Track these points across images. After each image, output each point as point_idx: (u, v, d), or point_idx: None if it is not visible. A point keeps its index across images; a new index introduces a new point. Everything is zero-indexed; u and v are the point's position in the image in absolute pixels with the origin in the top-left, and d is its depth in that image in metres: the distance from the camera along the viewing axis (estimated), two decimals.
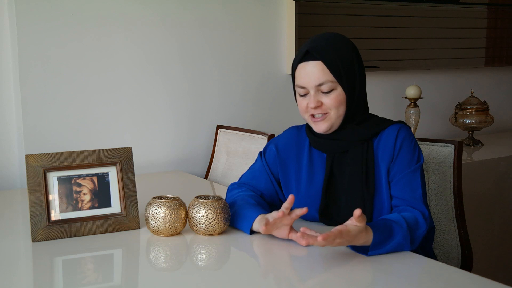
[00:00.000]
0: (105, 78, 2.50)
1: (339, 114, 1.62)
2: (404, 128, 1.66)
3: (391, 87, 3.27)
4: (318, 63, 1.59)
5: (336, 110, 1.62)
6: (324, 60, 1.59)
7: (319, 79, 1.59)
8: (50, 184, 1.63)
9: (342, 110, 1.62)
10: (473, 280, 1.34)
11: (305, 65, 1.61)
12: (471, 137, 3.21)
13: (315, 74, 1.59)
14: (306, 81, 1.61)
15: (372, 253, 1.44)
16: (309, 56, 1.60)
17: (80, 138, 2.46)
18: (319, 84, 1.60)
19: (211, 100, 2.76)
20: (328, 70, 1.59)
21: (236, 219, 1.64)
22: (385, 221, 1.50)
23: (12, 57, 2.37)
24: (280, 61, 2.92)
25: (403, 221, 1.50)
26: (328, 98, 1.61)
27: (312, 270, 1.42)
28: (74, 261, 1.51)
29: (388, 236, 1.46)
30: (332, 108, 1.61)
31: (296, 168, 1.74)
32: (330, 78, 1.59)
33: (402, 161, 1.61)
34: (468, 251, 1.93)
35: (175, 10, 2.62)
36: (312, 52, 1.60)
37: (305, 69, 1.61)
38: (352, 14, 3.04)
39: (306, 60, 1.61)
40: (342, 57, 1.61)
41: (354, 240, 1.41)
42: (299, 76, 1.63)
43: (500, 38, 3.65)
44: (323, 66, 1.59)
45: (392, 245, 1.46)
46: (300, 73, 1.63)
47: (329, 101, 1.61)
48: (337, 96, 1.61)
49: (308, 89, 1.62)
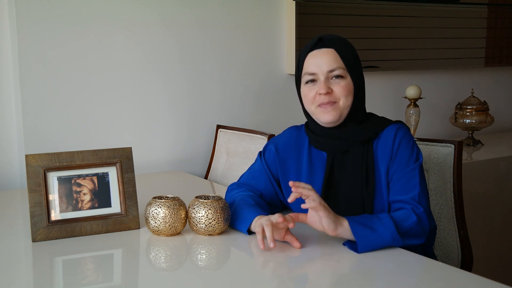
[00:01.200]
0: (105, 78, 2.50)
1: (347, 104, 1.63)
2: (402, 128, 1.67)
3: (391, 87, 3.27)
4: (331, 50, 1.63)
5: (345, 99, 1.63)
6: (336, 48, 1.63)
7: (332, 65, 1.61)
8: (50, 184, 1.63)
9: (350, 101, 1.63)
10: (473, 280, 1.34)
11: (317, 52, 1.64)
12: (471, 137, 3.21)
13: (328, 59, 1.62)
14: (317, 66, 1.63)
15: (358, 236, 1.45)
16: (322, 44, 1.64)
17: (80, 138, 2.46)
18: (331, 69, 1.62)
19: (211, 100, 2.76)
20: (340, 58, 1.62)
21: (234, 219, 1.64)
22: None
23: (12, 57, 2.37)
24: (280, 61, 2.92)
25: (386, 214, 1.53)
26: (338, 85, 1.62)
27: (311, 270, 1.42)
28: (74, 261, 1.51)
29: (368, 221, 1.49)
30: (341, 96, 1.62)
31: (296, 168, 1.74)
32: (341, 65, 1.62)
33: (400, 160, 1.62)
34: (468, 251, 1.93)
35: (175, 10, 2.62)
36: (325, 40, 1.64)
37: (317, 56, 1.63)
38: (352, 14, 3.04)
39: (318, 48, 1.64)
40: (351, 51, 1.66)
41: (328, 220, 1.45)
42: (309, 63, 1.65)
43: (500, 38, 3.65)
44: (335, 53, 1.62)
45: (375, 230, 1.47)
46: (310, 61, 1.64)
47: (339, 89, 1.62)
48: (347, 84, 1.63)
49: (318, 75, 1.63)
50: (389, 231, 1.48)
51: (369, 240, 1.46)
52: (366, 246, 1.46)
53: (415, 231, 1.53)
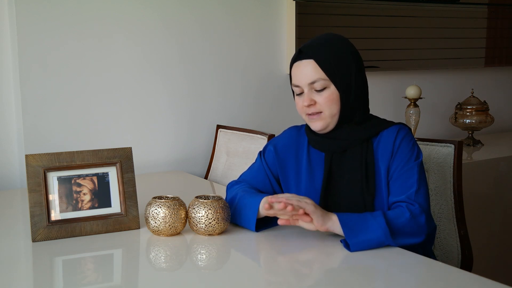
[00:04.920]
0: (105, 78, 2.50)
1: (333, 113, 1.63)
2: (404, 129, 1.67)
3: (391, 87, 3.27)
4: (310, 61, 1.62)
5: (329, 109, 1.62)
6: (315, 58, 1.61)
7: (311, 77, 1.61)
8: (50, 184, 1.63)
9: (335, 109, 1.63)
10: (473, 280, 1.34)
11: (298, 64, 1.64)
12: (471, 137, 3.21)
13: (307, 72, 1.62)
14: (299, 79, 1.64)
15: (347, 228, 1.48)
16: (302, 55, 1.63)
17: (80, 138, 2.46)
18: (311, 82, 1.62)
19: (211, 100, 2.76)
20: (320, 68, 1.61)
21: (240, 210, 1.65)
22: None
23: (12, 57, 2.37)
24: (280, 61, 2.92)
25: (378, 211, 1.54)
26: (321, 96, 1.62)
27: (311, 270, 1.42)
28: (74, 261, 1.51)
29: (357, 218, 1.50)
30: (325, 107, 1.62)
31: (296, 168, 1.75)
32: (322, 76, 1.61)
33: (400, 159, 1.62)
34: (468, 251, 1.93)
35: (175, 10, 2.62)
36: (304, 50, 1.63)
37: (299, 68, 1.64)
38: (352, 14, 3.04)
39: (299, 59, 1.64)
40: (336, 56, 1.62)
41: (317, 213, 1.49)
42: (294, 75, 1.66)
43: (500, 38, 3.65)
44: (315, 64, 1.61)
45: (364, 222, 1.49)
46: (294, 72, 1.66)
47: (321, 100, 1.62)
48: (329, 95, 1.62)
49: (302, 87, 1.64)
50: (379, 224, 1.49)
51: (358, 231, 1.48)
52: (356, 238, 1.47)
53: (409, 229, 1.53)
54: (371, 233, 1.48)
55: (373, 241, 1.48)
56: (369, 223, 1.50)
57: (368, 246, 1.48)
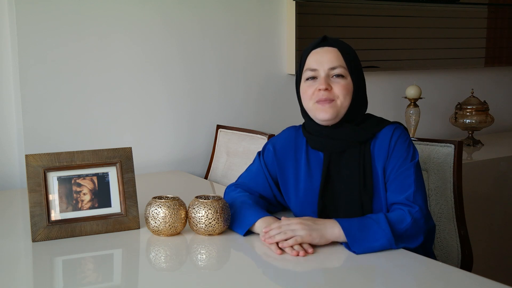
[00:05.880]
0: (105, 78, 2.50)
1: (345, 104, 1.64)
2: (399, 128, 1.68)
3: (391, 87, 3.27)
4: (334, 49, 1.65)
5: (343, 99, 1.64)
6: (340, 48, 1.65)
7: (334, 63, 1.64)
8: (50, 184, 1.63)
9: (348, 101, 1.64)
10: (473, 280, 1.34)
11: (320, 50, 1.66)
12: (471, 137, 3.21)
13: (331, 57, 1.64)
14: (319, 63, 1.64)
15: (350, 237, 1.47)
16: (326, 42, 1.67)
17: (80, 138, 2.46)
18: (332, 67, 1.63)
19: (211, 100, 2.76)
20: (342, 58, 1.64)
21: (233, 221, 1.65)
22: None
23: (12, 57, 2.37)
24: (280, 61, 2.92)
25: (381, 215, 1.53)
26: (338, 84, 1.64)
27: (311, 270, 1.42)
28: (74, 261, 1.51)
29: (359, 223, 1.50)
30: (340, 95, 1.63)
31: (294, 168, 1.74)
32: (343, 64, 1.64)
33: (396, 159, 1.62)
34: (468, 251, 1.93)
35: (175, 10, 2.62)
36: (329, 39, 1.67)
37: (320, 53, 1.66)
38: (352, 14, 3.04)
39: (322, 46, 1.66)
40: (354, 54, 1.69)
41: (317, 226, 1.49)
42: (311, 60, 1.67)
43: (500, 38, 3.65)
44: (338, 53, 1.65)
45: (369, 229, 1.48)
46: (313, 57, 1.67)
47: (338, 87, 1.63)
48: (346, 84, 1.64)
49: (319, 71, 1.64)
50: (384, 232, 1.48)
51: (362, 239, 1.47)
52: (360, 246, 1.47)
53: (410, 233, 1.53)
54: (376, 241, 1.48)
55: (377, 247, 1.48)
56: (374, 229, 1.49)
57: (372, 251, 1.48)
